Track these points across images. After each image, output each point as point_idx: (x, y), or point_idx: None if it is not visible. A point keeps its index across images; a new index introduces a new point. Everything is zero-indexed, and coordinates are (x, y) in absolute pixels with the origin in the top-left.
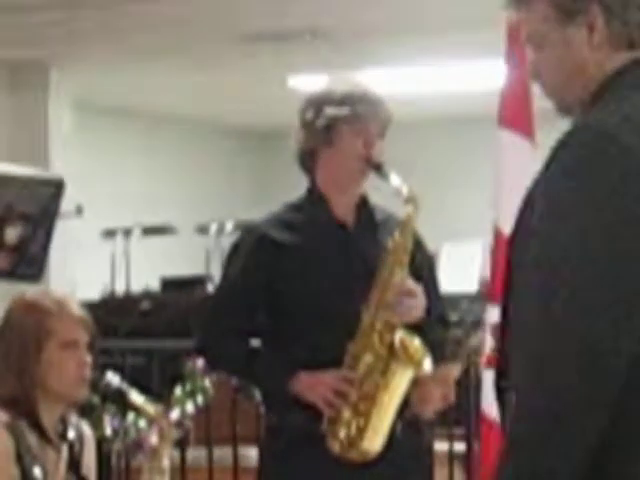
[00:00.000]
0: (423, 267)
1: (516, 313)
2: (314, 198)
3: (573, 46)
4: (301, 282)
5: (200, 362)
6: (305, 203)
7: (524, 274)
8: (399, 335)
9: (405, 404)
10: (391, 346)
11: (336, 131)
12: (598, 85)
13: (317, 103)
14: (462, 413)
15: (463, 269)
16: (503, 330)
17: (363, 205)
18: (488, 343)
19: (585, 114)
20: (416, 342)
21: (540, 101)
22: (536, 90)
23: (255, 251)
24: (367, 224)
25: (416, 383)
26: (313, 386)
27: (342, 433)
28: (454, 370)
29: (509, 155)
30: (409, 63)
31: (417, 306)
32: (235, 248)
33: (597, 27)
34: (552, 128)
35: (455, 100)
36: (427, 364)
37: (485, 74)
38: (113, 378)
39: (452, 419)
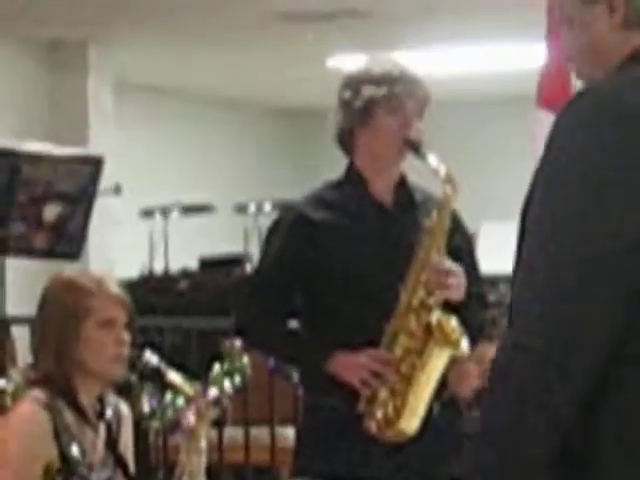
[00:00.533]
0: (463, 247)
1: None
2: (352, 178)
3: (596, 27)
4: (338, 262)
5: (238, 342)
6: (344, 183)
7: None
8: (436, 315)
9: (443, 385)
10: (428, 326)
11: (374, 111)
12: (616, 68)
13: (355, 83)
14: None
15: (502, 249)
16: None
17: (402, 185)
18: None
19: None
20: (453, 322)
21: (578, 81)
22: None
23: (293, 231)
24: (406, 204)
25: (453, 363)
26: (350, 366)
27: (379, 413)
28: (491, 349)
29: (547, 135)
30: (449, 44)
31: (456, 286)
32: (273, 228)
33: (617, 7)
34: None
35: (493, 80)
36: (464, 345)
37: (524, 54)
38: (151, 357)
39: None
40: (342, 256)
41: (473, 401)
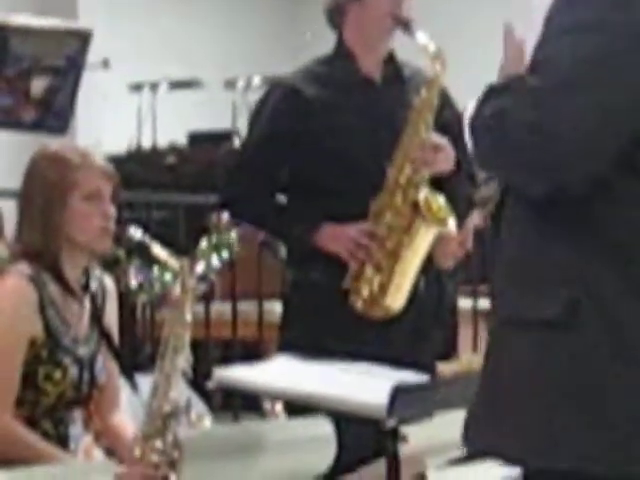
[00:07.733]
0: (452, 123)
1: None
2: (341, 53)
3: None
4: (327, 136)
5: (226, 216)
6: (333, 58)
7: None
8: (424, 193)
9: (428, 261)
10: (415, 204)
11: None
12: None
13: None
14: (487, 270)
15: None
16: None
17: (390, 61)
18: None
19: None
20: (440, 200)
21: None
22: None
23: (283, 104)
24: (394, 79)
25: (439, 241)
26: (338, 237)
27: (365, 290)
28: (471, 218)
29: (539, 7)
30: None
31: (445, 159)
32: (263, 101)
33: None
34: None
35: None
36: (451, 223)
37: None
38: (135, 232)
39: (477, 276)
40: (329, 129)
41: (459, 277)
